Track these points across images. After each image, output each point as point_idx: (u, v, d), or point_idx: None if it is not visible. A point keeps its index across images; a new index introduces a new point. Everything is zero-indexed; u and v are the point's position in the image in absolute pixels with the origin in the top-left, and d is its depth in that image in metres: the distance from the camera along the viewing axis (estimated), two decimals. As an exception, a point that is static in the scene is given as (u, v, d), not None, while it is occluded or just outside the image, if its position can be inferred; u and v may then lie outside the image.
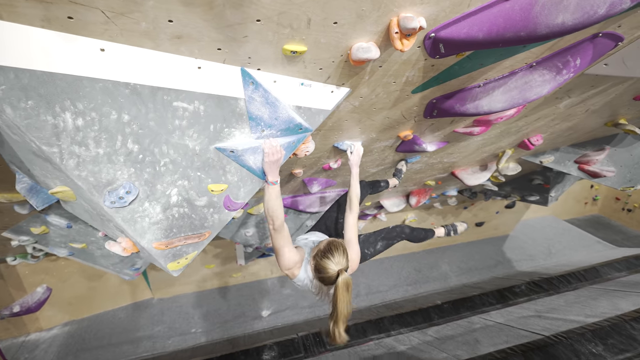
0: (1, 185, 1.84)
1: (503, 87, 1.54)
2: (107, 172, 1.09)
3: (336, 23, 1.02)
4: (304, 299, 6.58)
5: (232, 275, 6.77)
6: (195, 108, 1.13)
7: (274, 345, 4.27)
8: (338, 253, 1.49)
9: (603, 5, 0.88)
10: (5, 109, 0.89)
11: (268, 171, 1.41)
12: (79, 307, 6.06)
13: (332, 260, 1.47)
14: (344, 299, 1.43)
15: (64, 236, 2.71)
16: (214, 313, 6.26)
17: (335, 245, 1.52)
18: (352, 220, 1.81)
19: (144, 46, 0.97)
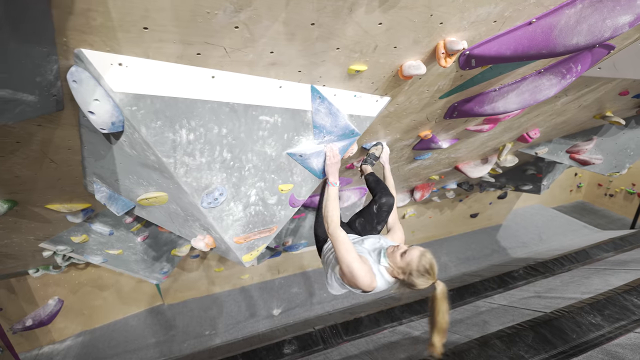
0: (64, 197, 2.00)
1: (516, 90, 1.80)
2: (206, 178, 1.29)
3: (396, 47, 1.25)
4: (313, 296, 6.79)
5: (240, 278, 6.93)
6: (275, 120, 1.34)
7: (293, 340, 4.46)
8: (435, 269, 1.42)
9: (608, 30, 1.14)
10: (141, 129, 1.08)
11: (330, 173, 1.58)
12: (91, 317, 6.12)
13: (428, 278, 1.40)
14: (443, 309, 1.40)
15: (103, 243, 2.86)
16: (226, 315, 6.41)
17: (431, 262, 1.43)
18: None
19: (242, 72, 1.18)
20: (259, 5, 0.91)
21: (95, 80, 0.97)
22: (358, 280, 1.41)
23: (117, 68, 0.97)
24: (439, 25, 1.18)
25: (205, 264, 6.44)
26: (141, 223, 2.77)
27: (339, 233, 1.45)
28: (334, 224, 1.48)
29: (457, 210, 7.77)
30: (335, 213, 1.52)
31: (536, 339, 3.07)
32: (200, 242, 1.51)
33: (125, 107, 1.03)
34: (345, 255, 1.41)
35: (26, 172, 1.55)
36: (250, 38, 1.02)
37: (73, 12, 0.80)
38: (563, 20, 1.20)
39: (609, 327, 3.11)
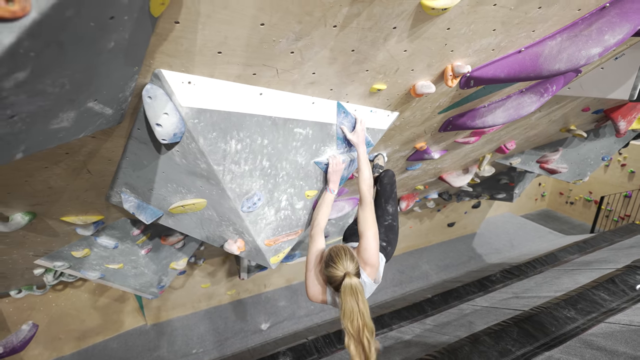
0: (82, 208, 2.03)
1: (502, 107, 2.08)
2: (247, 184, 1.42)
3: (413, 70, 1.46)
4: (301, 309, 6.82)
5: (226, 293, 6.85)
6: (307, 132, 1.51)
7: (287, 351, 4.48)
8: (340, 258, 1.36)
9: (583, 58, 1.41)
10: (200, 139, 1.21)
11: (331, 180, 1.70)
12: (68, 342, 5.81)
13: (335, 266, 1.34)
14: (348, 305, 1.26)
15: (104, 258, 2.84)
16: (213, 332, 6.29)
17: (334, 251, 1.39)
18: (363, 213, 1.56)
19: (285, 89, 1.34)
20: (315, 35, 1.08)
21: (168, 96, 1.10)
22: (306, 288, 1.50)
23: (186, 86, 1.11)
24: (450, 52, 1.41)
25: (191, 280, 6.34)
26: (146, 235, 2.79)
27: (317, 237, 1.54)
28: (319, 228, 1.57)
29: (435, 220, 8.14)
30: (323, 219, 1.61)
31: (520, 334, 3.33)
32: (233, 246, 1.61)
33: (189, 120, 1.16)
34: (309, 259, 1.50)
35: (60, 183, 1.61)
36: (300, 61, 1.19)
37: (167, 39, 0.94)
38: (547, 50, 1.47)
39: (583, 320, 3.43)
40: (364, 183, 1.60)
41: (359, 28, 1.11)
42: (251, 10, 0.92)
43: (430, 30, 1.23)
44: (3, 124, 0.64)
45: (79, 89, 0.79)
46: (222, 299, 6.81)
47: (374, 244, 1.50)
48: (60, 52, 0.62)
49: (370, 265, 1.50)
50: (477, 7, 1.19)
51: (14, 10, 0.49)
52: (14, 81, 0.58)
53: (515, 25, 1.34)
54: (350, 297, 1.27)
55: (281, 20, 0.98)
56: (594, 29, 1.37)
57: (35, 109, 0.70)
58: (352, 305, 1.26)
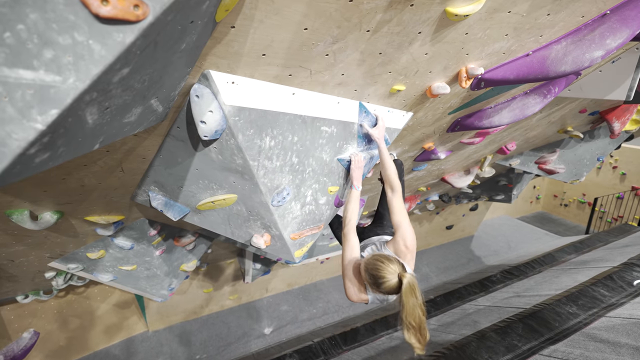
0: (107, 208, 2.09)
1: (508, 107, 2.20)
2: (277, 179, 1.51)
3: (431, 72, 1.57)
4: (303, 312, 6.84)
5: (228, 298, 6.85)
6: (331, 131, 1.60)
7: (294, 354, 4.52)
8: (382, 269, 1.34)
9: (587, 61, 1.53)
10: (239, 136, 1.30)
11: (354, 177, 1.80)
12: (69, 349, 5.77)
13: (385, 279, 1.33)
14: (410, 304, 1.28)
15: (119, 259, 2.88)
16: (216, 337, 6.28)
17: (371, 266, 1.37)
18: (397, 202, 1.61)
19: (315, 90, 1.44)
20: (349, 38, 1.18)
21: (214, 95, 1.18)
22: (345, 290, 1.52)
23: (230, 85, 1.20)
24: (466, 55, 1.52)
25: (194, 285, 6.34)
26: (161, 236, 2.84)
27: (351, 237, 1.57)
28: (351, 225, 1.59)
29: (434, 222, 8.25)
30: (353, 216, 1.63)
31: (525, 329, 3.42)
32: (260, 240, 1.69)
33: (230, 118, 1.24)
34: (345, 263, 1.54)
35: (93, 181, 1.68)
36: (332, 63, 1.29)
37: (221, 42, 1.03)
38: (553, 53, 1.59)
39: (584, 315, 3.54)
40: (391, 172, 1.65)
41: (389, 32, 1.21)
42: (298, 17, 1.02)
43: (451, 35, 1.34)
44: (99, 114, 0.72)
45: (151, 86, 0.88)
46: (224, 304, 6.81)
47: (412, 230, 1.54)
48: (154, 50, 0.71)
49: (411, 252, 1.52)
50: (494, 14, 1.30)
51: (138, 14, 0.58)
52: (120, 76, 0.66)
53: (525, 30, 1.46)
54: (411, 295, 1.30)
55: (323, 25, 1.08)
56: (597, 33, 1.49)
57: (122, 102, 0.78)
58: (414, 303, 1.29)
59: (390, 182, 1.67)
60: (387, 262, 1.36)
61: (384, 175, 1.69)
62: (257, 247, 1.73)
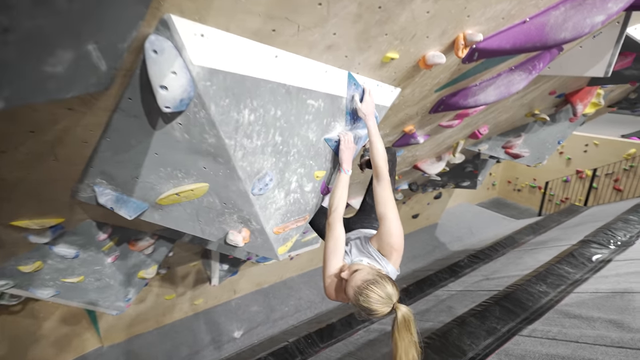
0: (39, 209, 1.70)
1: (493, 85, 2.10)
2: (258, 162, 1.26)
3: (428, 37, 1.40)
4: (275, 312, 6.59)
5: (193, 303, 6.41)
6: (318, 105, 1.37)
7: (269, 357, 4.26)
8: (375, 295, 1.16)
9: (587, 27, 1.44)
10: (211, 107, 1.03)
11: (344, 159, 1.54)
12: (6, 377, 5.05)
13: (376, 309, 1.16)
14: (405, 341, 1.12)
15: (60, 270, 2.44)
16: (181, 346, 5.84)
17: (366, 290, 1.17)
18: (382, 191, 1.42)
19: (300, 53, 1.20)
20: (348, -18, 0.96)
21: (177, 51, 0.91)
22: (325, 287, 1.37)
23: (199, 39, 0.93)
24: (466, 17, 1.36)
25: (153, 292, 5.83)
26: (113, 240, 2.45)
27: (337, 226, 1.39)
28: (337, 214, 1.42)
29: (401, 212, 8.33)
30: (341, 202, 1.46)
31: (502, 312, 3.46)
32: (237, 237, 1.42)
33: (200, 82, 0.97)
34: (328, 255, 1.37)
35: (17, 173, 1.31)
36: (325, 17, 1.06)
37: (186, -30, 0.76)
38: (552, 19, 1.48)
39: (554, 292, 3.66)
40: (379, 157, 1.45)
41: (393, -22, 1.01)
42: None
43: (457, -11, 1.17)
44: (-7, 41, 0.44)
45: (86, 16, 0.60)
46: (188, 310, 6.36)
47: (399, 225, 1.37)
48: None
49: (396, 251, 1.37)
50: (504, -36, 1.15)
51: None
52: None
53: (529, -10, 1.33)
54: (406, 331, 1.13)
55: (319, -43, 0.85)
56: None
57: (35, 28, 0.50)
58: (409, 341, 1.12)
59: (376, 167, 1.47)
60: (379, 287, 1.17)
61: (372, 158, 1.49)
62: (233, 246, 1.47)
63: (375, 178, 1.46)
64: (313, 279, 7.36)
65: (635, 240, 4.56)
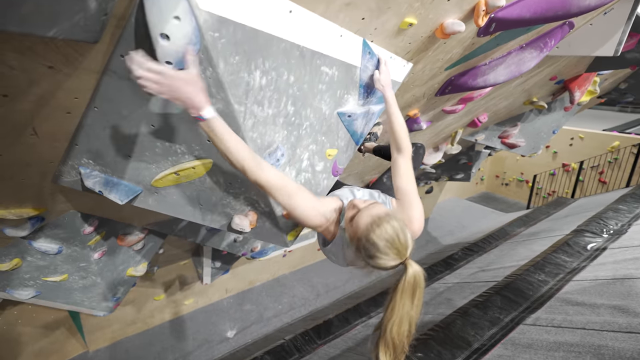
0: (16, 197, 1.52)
1: (504, 64, 2.02)
2: (269, 134, 1.12)
3: (449, 0, 1.29)
4: (268, 310, 6.44)
5: (184, 304, 6.20)
6: (332, 73, 1.25)
7: (265, 355, 4.12)
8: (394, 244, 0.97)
9: (613, -8, 1.37)
10: (219, 63, 0.89)
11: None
12: (-15, 385, 4.76)
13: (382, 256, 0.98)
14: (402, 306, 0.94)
15: (41, 268, 2.24)
16: (172, 348, 5.63)
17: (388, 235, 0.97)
18: (405, 163, 1.30)
19: (315, 11, 1.07)
20: None
21: (181, -10, 0.77)
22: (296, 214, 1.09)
23: (206, -22, 0.79)
24: (491, -22, 1.26)
25: (142, 292, 5.60)
26: (100, 234, 2.26)
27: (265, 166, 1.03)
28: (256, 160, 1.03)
29: (393, 207, 8.28)
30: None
31: (504, 301, 3.42)
32: (244, 221, 1.29)
33: (207, 32, 0.84)
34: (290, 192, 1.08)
35: (-12, 151, 1.14)
36: (347, -37, 0.94)
37: None
38: (576, -15, 1.40)
39: (553, 281, 3.65)
40: (402, 129, 1.34)
41: None
42: None
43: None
44: None
45: None
46: (178, 311, 6.15)
47: (421, 205, 1.24)
48: None
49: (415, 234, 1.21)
50: None
51: None
52: None
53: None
54: (409, 296, 0.94)
55: None
56: (626, -41, 1.32)
57: None
58: (408, 308, 0.94)
59: (399, 138, 1.36)
60: (401, 228, 0.98)
61: (395, 130, 1.37)
62: (239, 231, 1.33)
63: (396, 151, 1.35)
64: (306, 276, 7.24)
65: (627, 228, 4.62)
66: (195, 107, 0.87)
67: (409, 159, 1.35)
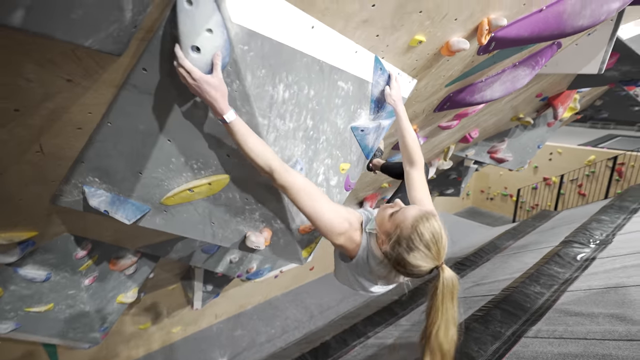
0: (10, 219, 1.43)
1: (499, 80, 2.10)
2: (289, 148, 1.11)
3: (456, 19, 1.34)
4: (260, 335, 6.20)
5: (171, 331, 5.91)
6: (347, 88, 1.26)
7: (261, 383, 3.93)
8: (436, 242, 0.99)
9: (604, 13, 1.46)
10: (247, 76, 0.88)
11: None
12: None
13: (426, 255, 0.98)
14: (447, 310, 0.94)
15: (25, 298, 2.09)
16: (159, 380, 5.32)
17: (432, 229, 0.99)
18: (420, 175, 1.32)
19: (335, 27, 1.09)
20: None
21: (215, 3, 0.76)
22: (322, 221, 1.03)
23: (239, -8, 0.79)
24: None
25: (126, 321, 5.32)
26: (92, 259, 2.14)
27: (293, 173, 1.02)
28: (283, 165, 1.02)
29: (383, 224, 8.29)
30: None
31: (504, 315, 3.41)
32: (259, 238, 1.24)
33: (237, 45, 0.83)
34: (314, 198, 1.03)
35: (-11, 170, 1.08)
36: (369, -20, 0.96)
37: None
38: (569, 7, 1.48)
39: (549, 292, 3.68)
40: (414, 142, 1.37)
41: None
42: None
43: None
44: None
45: None
46: (166, 339, 5.85)
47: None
48: None
49: None
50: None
51: None
52: None
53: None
54: (450, 300, 0.94)
55: None
56: (615, -17, 1.42)
57: None
58: (451, 311, 0.94)
59: (412, 152, 1.37)
60: (441, 228, 1.02)
61: (407, 144, 1.39)
62: (253, 249, 1.29)
63: (409, 165, 1.37)
64: (299, 297, 7.07)
65: (612, 238, 4.76)
66: (219, 111, 0.88)
67: (422, 171, 1.37)
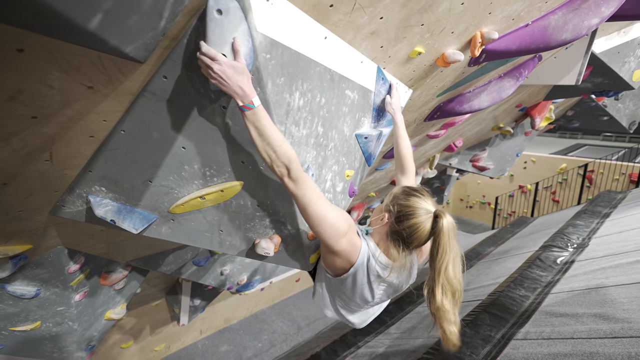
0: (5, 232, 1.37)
1: (486, 91, 2.22)
2: (302, 154, 1.14)
3: (453, 32, 1.42)
4: (247, 349, 6.06)
5: (154, 350, 5.69)
6: (354, 97, 1.31)
7: (252, 399, 3.82)
8: (418, 198, 1.10)
9: (585, 28, 1.58)
10: (268, 84, 0.91)
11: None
12: None
13: (422, 199, 1.09)
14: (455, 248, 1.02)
15: (10, 317, 1.98)
16: (141, 403, 5.07)
17: (405, 194, 1.14)
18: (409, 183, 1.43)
19: (344, 38, 1.14)
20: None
21: (243, 13, 0.79)
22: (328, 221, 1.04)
23: (264, 4, 0.82)
24: (488, 14, 1.41)
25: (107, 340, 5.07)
26: (84, 273, 2.06)
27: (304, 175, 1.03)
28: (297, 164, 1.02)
29: (369, 233, 8.36)
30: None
31: (492, 319, 3.50)
32: (269, 244, 1.25)
33: (261, 53, 0.86)
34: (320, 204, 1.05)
35: (-6, 179, 1.04)
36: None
37: None
38: (553, 22, 1.60)
39: (534, 296, 3.81)
40: (408, 151, 1.48)
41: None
42: None
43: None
44: None
45: None
46: (149, 358, 5.61)
47: None
48: None
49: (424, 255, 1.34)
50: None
51: None
52: None
53: (540, -8, 1.43)
54: (453, 237, 1.04)
55: None
56: (592, 2, 1.55)
57: None
58: (456, 249, 1.04)
59: (406, 161, 1.50)
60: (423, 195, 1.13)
61: (402, 152, 1.49)
62: (263, 256, 1.29)
63: (401, 173, 1.50)
64: (286, 310, 6.97)
65: (588, 242, 5.01)
66: (247, 95, 0.85)
67: (413, 179, 1.49)
